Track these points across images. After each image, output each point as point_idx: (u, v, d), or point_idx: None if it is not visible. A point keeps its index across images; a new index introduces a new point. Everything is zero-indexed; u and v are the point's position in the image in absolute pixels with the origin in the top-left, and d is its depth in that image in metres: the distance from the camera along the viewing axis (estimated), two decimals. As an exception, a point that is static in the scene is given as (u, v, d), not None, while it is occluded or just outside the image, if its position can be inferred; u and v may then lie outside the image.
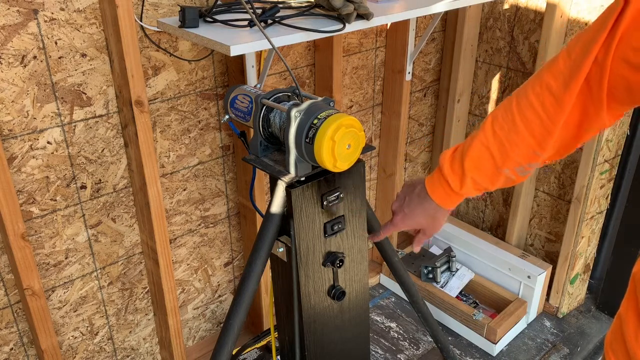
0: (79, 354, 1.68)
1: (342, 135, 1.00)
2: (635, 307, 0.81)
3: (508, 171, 0.89)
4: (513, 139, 0.87)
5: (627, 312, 0.82)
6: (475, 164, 0.91)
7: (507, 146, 0.87)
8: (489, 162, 0.90)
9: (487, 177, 0.92)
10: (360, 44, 2.04)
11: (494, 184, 0.93)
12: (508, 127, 0.87)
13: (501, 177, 0.91)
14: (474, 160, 0.91)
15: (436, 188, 0.98)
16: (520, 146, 0.86)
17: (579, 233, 2.06)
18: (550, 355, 2.06)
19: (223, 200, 1.86)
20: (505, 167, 0.89)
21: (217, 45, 1.19)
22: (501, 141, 0.88)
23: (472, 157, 0.91)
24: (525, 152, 0.87)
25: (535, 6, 2.09)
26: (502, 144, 0.88)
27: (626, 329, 0.81)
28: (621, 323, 0.83)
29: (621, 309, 0.85)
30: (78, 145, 1.46)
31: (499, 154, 0.88)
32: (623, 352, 0.82)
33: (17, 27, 1.26)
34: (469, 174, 0.92)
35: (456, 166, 0.93)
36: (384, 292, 2.37)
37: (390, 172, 2.28)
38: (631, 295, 0.83)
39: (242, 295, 1.12)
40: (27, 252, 1.36)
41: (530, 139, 0.85)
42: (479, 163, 0.91)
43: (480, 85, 2.36)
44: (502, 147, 0.88)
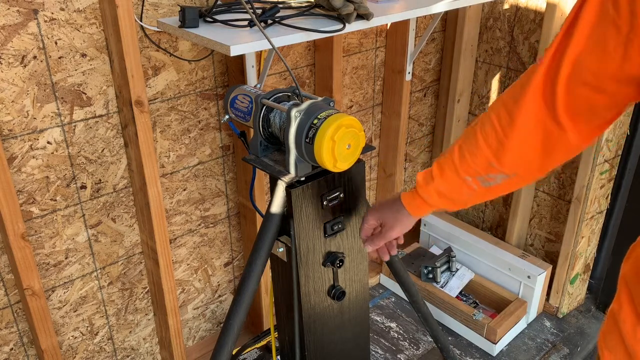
0: (79, 354, 1.68)
1: (342, 135, 1.00)
2: (630, 305, 0.82)
3: (470, 179, 0.94)
4: (472, 150, 0.93)
5: (621, 310, 0.83)
6: (441, 170, 0.98)
7: (465, 152, 0.94)
8: (451, 170, 0.97)
9: (450, 183, 0.98)
10: (360, 44, 2.04)
11: (459, 193, 0.98)
12: (470, 139, 0.94)
13: (464, 185, 0.96)
14: (440, 168, 0.99)
15: (408, 196, 1.06)
16: (476, 153, 0.92)
17: (579, 233, 2.06)
18: (550, 355, 2.06)
19: (223, 200, 1.86)
20: (465, 173, 0.94)
21: (217, 45, 1.19)
22: (462, 148, 0.95)
23: (439, 166, 0.99)
24: (480, 161, 0.92)
25: (535, 6, 2.09)
26: (462, 150, 0.94)
27: (623, 327, 0.82)
28: (615, 321, 0.84)
29: (614, 307, 0.86)
30: (78, 145, 1.46)
31: (459, 160, 0.95)
32: (621, 350, 0.83)
33: (17, 27, 1.26)
34: (437, 184, 0.99)
35: (427, 173, 1.02)
36: (384, 292, 2.37)
37: (390, 172, 2.28)
38: (623, 294, 0.84)
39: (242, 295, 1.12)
40: (27, 252, 1.36)
41: (485, 147, 0.91)
42: (445, 170, 0.98)
43: (480, 85, 2.36)
44: (461, 153, 0.95)
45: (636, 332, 0.80)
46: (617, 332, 0.84)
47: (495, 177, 0.92)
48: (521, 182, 0.95)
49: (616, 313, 0.85)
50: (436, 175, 0.99)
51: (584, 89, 0.77)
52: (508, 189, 0.96)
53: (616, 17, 0.70)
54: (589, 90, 0.77)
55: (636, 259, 0.84)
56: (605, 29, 0.72)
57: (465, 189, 0.96)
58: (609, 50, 0.72)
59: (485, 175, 0.93)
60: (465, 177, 0.95)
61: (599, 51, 0.73)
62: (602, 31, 0.72)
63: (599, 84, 0.75)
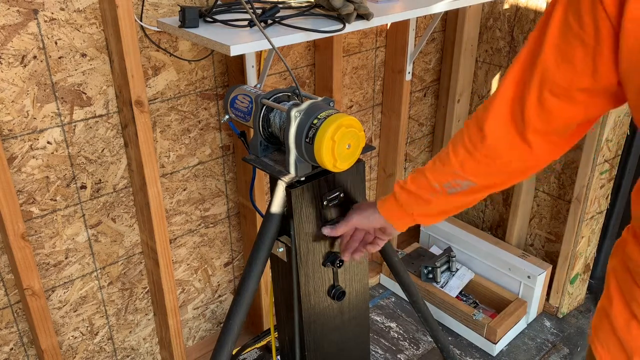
0: (79, 354, 1.68)
1: (342, 135, 1.00)
2: (621, 300, 0.83)
3: (436, 184, 0.98)
4: (443, 158, 0.97)
5: (612, 306, 0.85)
6: (413, 177, 1.03)
7: (438, 164, 0.98)
8: (419, 172, 1.01)
9: (418, 184, 1.01)
10: (360, 44, 2.04)
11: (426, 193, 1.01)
12: (444, 149, 0.98)
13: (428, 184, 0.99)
14: (413, 174, 1.03)
15: (388, 211, 1.07)
16: (446, 164, 0.96)
17: (579, 233, 2.06)
18: (550, 355, 2.06)
19: (223, 200, 1.86)
20: (433, 179, 0.98)
21: (217, 45, 1.19)
22: (434, 156, 1.01)
23: (413, 172, 1.04)
24: (445, 171, 0.97)
25: (535, 6, 2.09)
26: (434, 158, 1.00)
27: (615, 322, 0.84)
28: (607, 316, 0.86)
29: (603, 302, 0.87)
30: (78, 145, 1.46)
31: (431, 164, 1.00)
32: (614, 344, 0.85)
33: (17, 27, 1.26)
34: (407, 186, 1.03)
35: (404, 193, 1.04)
36: (384, 292, 2.37)
37: (390, 172, 2.28)
38: (613, 289, 0.85)
39: (242, 295, 1.12)
40: (27, 252, 1.36)
41: (454, 158, 0.94)
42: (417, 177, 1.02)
43: (480, 85, 2.36)
44: (433, 160, 1.00)
45: (630, 327, 0.81)
46: (609, 326, 0.85)
47: (462, 183, 0.96)
48: (485, 193, 0.99)
49: (607, 308, 0.86)
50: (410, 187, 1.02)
51: (556, 101, 0.78)
52: (472, 197, 1.00)
53: (581, 32, 0.71)
54: (560, 101, 0.78)
55: (623, 254, 0.85)
56: (571, 43, 0.73)
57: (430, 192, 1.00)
58: (577, 64, 0.73)
59: (453, 181, 0.96)
60: (435, 185, 0.98)
61: (568, 65, 0.74)
62: (569, 46, 0.73)
63: (570, 96, 0.76)
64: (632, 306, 0.81)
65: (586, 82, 0.74)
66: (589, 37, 0.70)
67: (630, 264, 0.82)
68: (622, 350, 0.83)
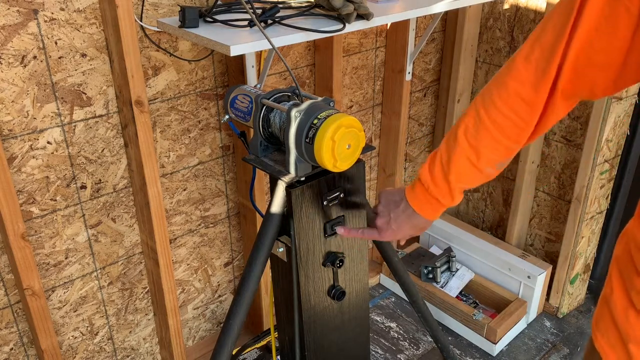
0: (79, 354, 1.68)
1: (342, 135, 1.00)
2: (622, 288, 0.84)
3: (489, 169, 0.93)
4: (488, 144, 0.91)
5: (613, 294, 0.86)
6: (459, 176, 0.94)
7: (484, 151, 0.92)
8: (471, 170, 0.94)
9: (471, 180, 0.95)
10: (360, 44, 2.04)
11: (477, 182, 0.96)
12: (482, 135, 0.91)
13: (482, 175, 0.94)
14: (458, 174, 0.94)
15: (424, 205, 0.99)
16: (498, 148, 0.91)
17: (579, 233, 2.06)
18: (550, 355, 2.06)
19: (223, 200, 1.86)
20: (486, 167, 0.93)
21: (217, 45, 1.19)
22: (477, 149, 0.92)
23: (455, 171, 0.94)
24: (502, 152, 0.91)
25: (535, 6, 2.09)
26: (479, 151, 0.92)
27: (615, 310, 0.85)
28: (607, 305, 0.87)
29: (605, 291, 0.88)
30: (78, 145, 1.46)
31: (477, 159, 0.92)
32: (613, 332, 0.86)
33: (17, 27, 1.26)
34: (456, 186, 0.95)
35: (441, 183, 0.96)
36: (384, 292, 2.37)
37: (390, 172, 2.28)
38: (615, 277, 0.86)
39: (242, 295, 1.12)
40: (27, 252, 1.36)
41: (505, 140, 0.90)
42: (463, 173, 0.94)
43: (480, 85, 2.36)
44: (479, 153, 0.92)
45: (628, 314, 0.82)
46: (609, 315, 0.86)
47: (511, 157, 0.93)
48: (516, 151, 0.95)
49: (608, 297, 0.87)
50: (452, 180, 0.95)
51: (591, 70, 0.77)
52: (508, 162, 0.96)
53: (627, 1, 0.71)
54: (595, 70, 0.77)
55: (627, 242, 0.86)
56: (616, 9, 0.72)
57: (483, 178, 0.95)
58: (619, 29, 0.73)
59: (505, 160, 0.93)
60: (485, 169, 0.93)
61: (610, 31, 0.74)
62: (614, 11, 0.73)
63: (607, 62, 0.76)
64: (631, 294, 0.82)
65: (623, 50, 0.74)
66: (636, 7, 0.70)
67: (633, 245, 0.82)
68: (620, 339, 0.84)
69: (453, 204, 0.98)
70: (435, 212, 1.00)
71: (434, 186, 0.96)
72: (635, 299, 0.81)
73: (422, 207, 0.99)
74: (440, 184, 0.96)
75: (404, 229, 1.03)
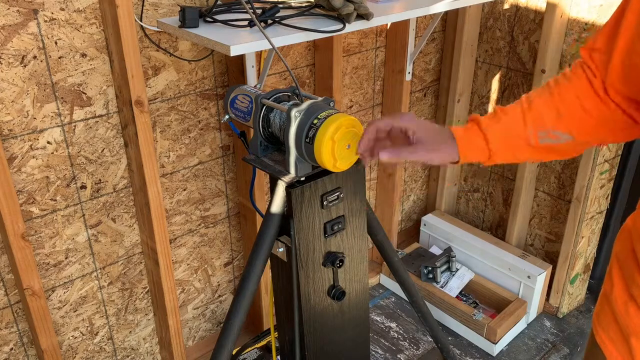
0: (79, 354, 1.68)
1: (342, 135, 1.00)
2: (622, 283, 0.85)
3: (531, 131, 0.89)
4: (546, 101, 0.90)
5: (613, 289, 0.86)
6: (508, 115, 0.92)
7: (537, 101, 0.90)
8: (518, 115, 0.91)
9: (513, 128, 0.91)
10: (360, 44, 2.04)
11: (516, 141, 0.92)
12: (541, 91, 0.91)
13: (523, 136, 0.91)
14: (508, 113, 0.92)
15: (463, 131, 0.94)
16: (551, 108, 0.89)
17: (579, 233, 2.06)
18: (550, 355, 2.06)
19: (223, 200, 1.86)
20: (530, 126, 0.89)
21: (217, 45, 1.19)
22: (531, 99, 0.91)
23: (506, 111, 0.93)
24: (553, 118, 0.88)
25: (535, 6, 2.09)
26: (532, 100, 0.90)
27: (615, 304, 0.85)
28: (608, 300, 0.87)
29: (605, 287, 0.89)
30: (78, 145, 1.46)
31: (529, 107, 0.90)
32: (613, 327, 0.86)
33: (17, 27, 1.26)
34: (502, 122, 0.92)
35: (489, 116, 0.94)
36: (384, 292, 2.37)
37: (390, 172, 2.28)
38: (615, 272, 0.87)
39: (242, 295, 1.12)
40: (27, 252, 1.36)
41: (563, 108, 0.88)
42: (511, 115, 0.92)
43: (480, 85, 2.36)
44: (531, 102, 0.90)
45: (628, 309, 0.83)
46: (610, 310, 0.87)
47: (561, 135, 0.89)
48: (576, 149, 0.92)
49: (608, 293, 0.87)
50: (500, 115, 0.92)
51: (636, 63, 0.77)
52: (564, 154, 0.93)
53: None
54: None
55: (627, 237, 0.86)
56: None
57: (522, 141, 0.91)
58: None
59: (551, 130, 0.89)
60: (528, 129, 0.90)
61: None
62: None
63: None
64: (631, 289, 0.82)
65: None
66: None
67: (636, 237, 0.83)
68: (621, 333, 0.84)
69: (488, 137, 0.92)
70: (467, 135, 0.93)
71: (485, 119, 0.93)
72: (636, 293, 0.81)
73: (458, 127, 0.95)
74: (490, 114, 0.93)
75: (425, 123, 0.96)
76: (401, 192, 2.53)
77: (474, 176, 2.53)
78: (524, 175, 2.20)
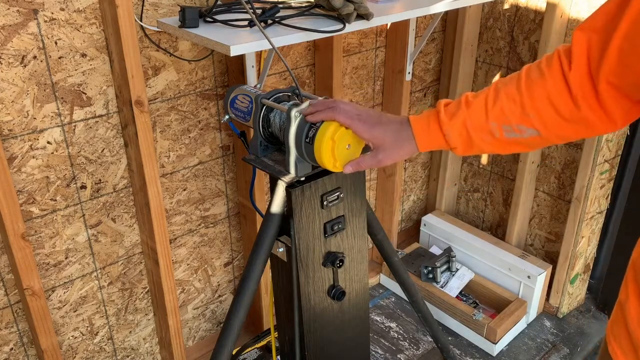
0: (79, 354, 1.68)
1: (342, 135, 1.00)
2: (636, 292, 0.82)
3: (495, 125, 0.88)
4: (510, 92, 0.87)
5: (628, 298, 0.83)
6: (467, 105, 0.90)
7: (501, 96, 0.87)
8: (480, 107, 0.89)
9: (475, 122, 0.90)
10: (360, 44, 2.04)
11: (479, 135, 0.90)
12: (510, 82, 0.88)
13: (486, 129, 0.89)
14: (467, 101, 0.90)
15: (421, 122, 0.94)
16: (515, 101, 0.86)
17: (579, 233, 2.06)
18: (550, 355, 2.06)
19: (223, 200, 1.86)
20: (492, 119, 0.88)
21: (217, 45, 1.19)
22: (498, 91, 0.88)
23: (469, 103, 0.91)
24: (517, 112, 0.86)
25: (535, 6, 2.09)
26: (499, 94, 0.88)
27: (628, 314, 0.83)
28: (622, 310, 0.85)
29: (621, 296, 0.86)
30: (78, 145, 1.46)
31: (493, 102, 0.88)
32: (625, 337, 0.84)
33: (17, 27, 1.26)
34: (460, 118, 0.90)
35: (450, 109, 0.92)
36: (384, 292, 2.37)
37: (390, 172, 2.28)
38: (631, 282, 0.84)
39: (242, 295, 1.12)
40: (27, 252, 1.36)
41: (529, 102, 0.85)
42: (471, 105, 0.90)
43: (480, 85, 2.36)
44: (497, 96, 0.88)
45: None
46: (623, 322, 0.84)
47: (525, 130, 0.87)
48: (543, 143, 0.90)
49: (623, 302, 0.85)
50: (463, 108, 0.90)
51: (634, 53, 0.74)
52: (530, 147, 0.91)
53: None
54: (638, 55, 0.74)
55: None
56: None
57: (486, 135, 0.90)
58: None
59: (515, 125, 0.87)
60: (491, 122, 0.88)
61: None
62: None
63: None
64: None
65: None
66: None
67: None
68: (632, 346, 0.82)
69: (446, 134, 0.91)
70: (426, 130, 0.93)
71: (443, 104, 0.92)
72: None
73: (417, 120, 0.94)
74: (451, 105, 0.91)
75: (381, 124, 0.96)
76: (401, 192, 2.53)
77: (474, 176, 2.53)
78: (524, 176, 2.20)
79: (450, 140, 0.92)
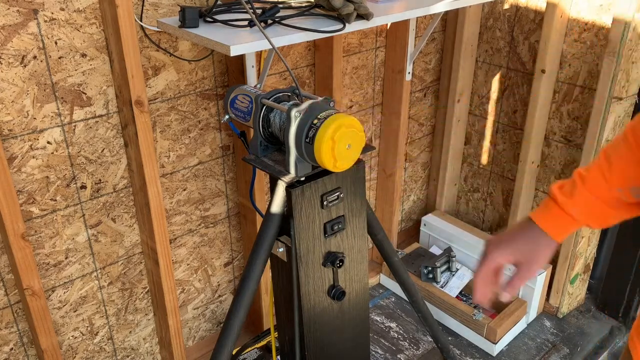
0: (79, 354, 1.68)
1: (342, 135, 1.00)
2: None
3: (621, 190, 0.86)
4: (624, 154, 0.86)
5: None
6: (586, 183, 0.88)
7: (616, 161, 0.86)
8: (600, 183, 0.87)
9: (600, 196, 0.88)
10: (360, 44, 2.04)
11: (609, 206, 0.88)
12: (620, 146, 0.87)
13: (612, 198, 0.87)
14: (586, 180, 0.88)
15: (542, 214, 0.92)
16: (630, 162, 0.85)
17: (579, 233, 2.06)
18: (550, 355, 2.06)
19: (223, 200, 1.86)
20: (617, 186, 0.86)
21: (217, 45, 1.19)
22: (609, 157, 0.87)
23: (584, 177, 0.89)
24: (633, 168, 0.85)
25: (535, 6, 2.09)
26: (611, 160, 0.87)
27: None
28: None
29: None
30: (78, 145, 1.46)
31: (609, 169, 0.87)
32: None
33: (17, 27, 1.26)
34: (581, 194, 0.88)
35: (567, 189, 0.90)
36: (384, 292, 2.37)
37: (390, 172, 2.28)
38: None
39: (242, 295, 1.12)
40: (27, 252, 1.36)
41: None
42: (592, 182, 0.88)
43: (480, 85, 2.36)
44: (611, 163, 0.87)
45: None
46: None
47: None
48: None
49: None
50: (579, 184, 0.88)
51: None
52: None
53: None
54: None
55: None
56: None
57: (615, 202, 0.87)
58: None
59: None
60: (616, 189, 0.86)
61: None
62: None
63: None
64: None
65: None
66: None
67: None
68: None
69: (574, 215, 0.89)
70: (554, 220, 0.90)
71: (557, 186, 0.90)
72: None
73: (540, 215, 0.92)
74: (564, 185, 0.90)
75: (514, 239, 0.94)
76: (401, 192, 2.53)
77: (474, 176, 2.53)
78: (524, 175, 2.20)
79: (579, 218, 0.89)
